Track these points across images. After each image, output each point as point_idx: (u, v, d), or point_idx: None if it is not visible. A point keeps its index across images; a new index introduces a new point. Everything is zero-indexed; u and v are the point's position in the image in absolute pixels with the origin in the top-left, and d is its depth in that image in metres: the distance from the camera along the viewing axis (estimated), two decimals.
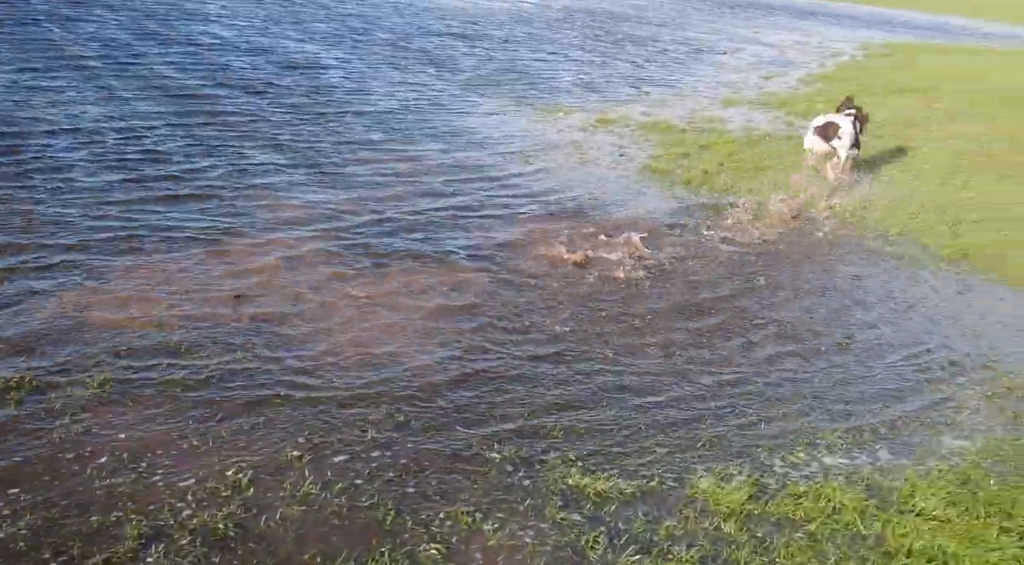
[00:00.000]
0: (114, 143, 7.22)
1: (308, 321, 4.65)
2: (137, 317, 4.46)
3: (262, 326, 4.53)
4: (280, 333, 4.48)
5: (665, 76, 14.16)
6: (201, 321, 4.49)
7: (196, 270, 5.08)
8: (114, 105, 8.37)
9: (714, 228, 6.91)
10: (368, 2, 19.87)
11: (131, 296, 4.67)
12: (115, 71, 9.73)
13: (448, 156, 8.13)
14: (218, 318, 4.55)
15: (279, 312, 4.70)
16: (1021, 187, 8.70)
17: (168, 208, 6.00)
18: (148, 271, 5.00)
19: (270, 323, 4.57)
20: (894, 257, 6.67)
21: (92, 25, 12.25)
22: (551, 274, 5.66)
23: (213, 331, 4.41)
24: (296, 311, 4.74)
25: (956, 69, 17.39)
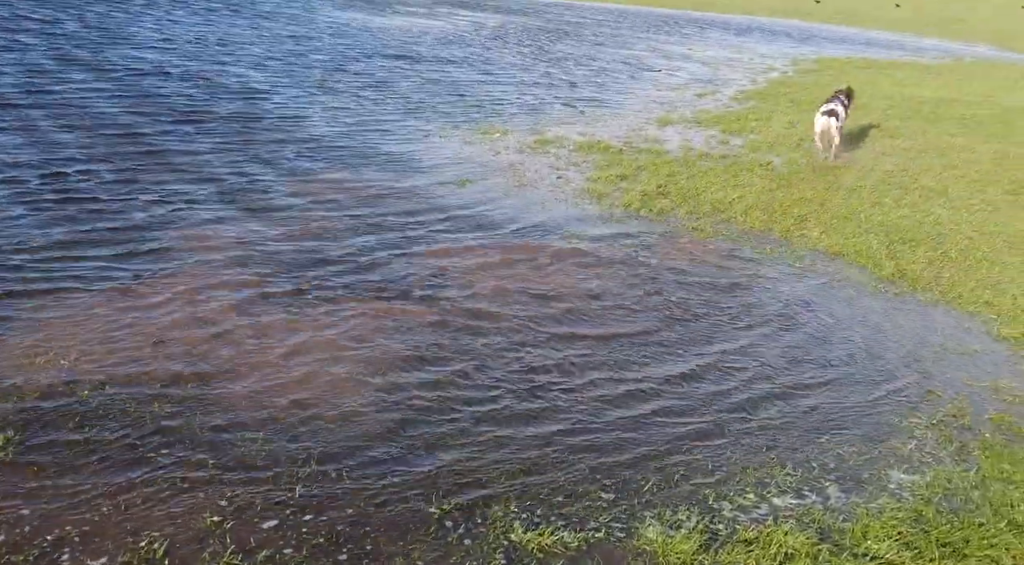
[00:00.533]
0: (31, 178, 6.87)
1: (233, 370, 4.38)
2: (45, 369, 4.15)
3: (182, 375, 4.26)
4: (202, 384, 4.21)
5: (601, 94, 14.15)
6: (115, 372, 4.20)
7: (113, 315, 4.78)
8: (34, 137, 7.99)
9: (653, 254, 6.81)
10: (302, 24, 19.56)
11: (39, 346, 4.35)
12: (36, 101, 9.33)
13: (385, 183, 7.91)
14: (134, 369, 4.26)
15: (201, 360, 4.43)
16: (953, 203, 8.82)
17: (86, 249, 5.67)
18: (61, 318, 4.68)
19: (191, 373, 4.30)
20: (831, 278, 6.65)
21: (13, 52, 11.77)
22: (493, 311, 5.47)
23: (128, 383, 4.13)
24: (221, 359, 4.47)
25: (884, 84, 17.76)
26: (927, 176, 9.85)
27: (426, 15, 24.35)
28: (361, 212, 7.02)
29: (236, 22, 18.22)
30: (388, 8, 25.15)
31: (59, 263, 5.39)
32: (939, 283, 6.68)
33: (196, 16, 18.57)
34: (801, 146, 11.00)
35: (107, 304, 4.91)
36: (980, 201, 8.98)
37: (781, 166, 9.90)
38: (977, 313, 6.22)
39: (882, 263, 6.96)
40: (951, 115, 14.34)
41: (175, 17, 17.95)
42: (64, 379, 4.08)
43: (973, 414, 4.75)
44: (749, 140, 11.34)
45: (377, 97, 11.85)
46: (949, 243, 7.55)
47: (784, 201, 8.46)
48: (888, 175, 9.80)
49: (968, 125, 13.52)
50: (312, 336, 4.81)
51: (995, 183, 9.76)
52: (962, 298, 6.43)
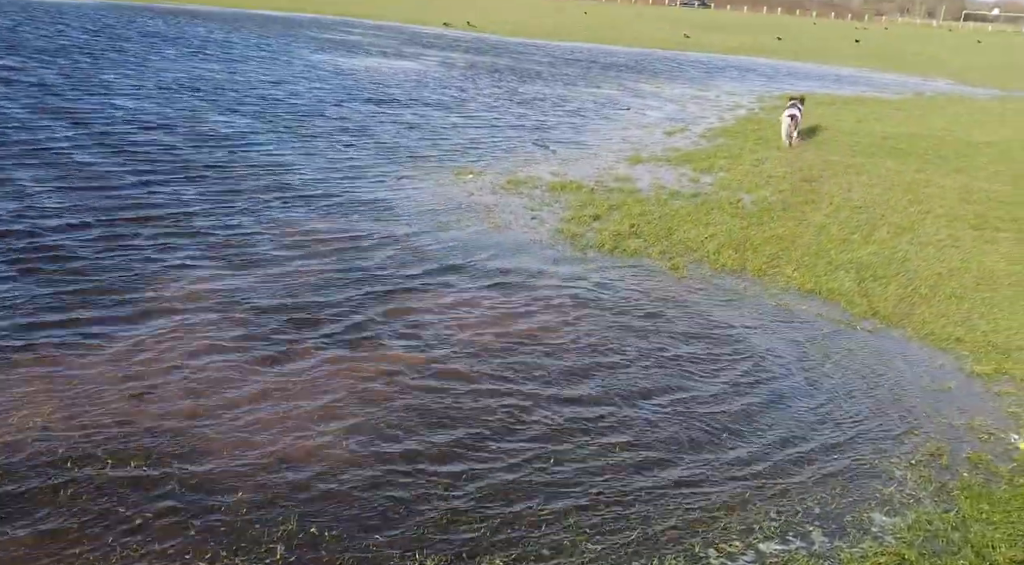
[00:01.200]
0: (6, 233, 6.80)
1: (213, 429, 4.33)
2: (21, 429, 4.07)
3: (160, 427, 4.20)
4: (180, 443, 4.16)
5: (572, 134, 14.29)
6: (93, 430, 4.14)
7: (90, 370, 4.71)
8: (8, 190, 7.93)
9: (628, 296, 6.85)
10: (277, 68, 19.62)
11: (13, 404, 4.27)
12: (9, 151, 9.26)
13: (362, 231, 7.92)
14: (111, 428, 4.20)
15: (179, 415, 4.37)
16: (920, 239, 8.97)
17: (63, 308, 5.61)
18: (38, 377, 4.61)
19: (169, 430, 4.24)
20: (805, 316, 6.73)
21: None
22: (471, 363, 5.47)
23: (105, 442, 4.06)
24: (200, 418, 4.42)
25: (848, 119, 18.11)
26: (894, 212, 10.03)
27: (395, 56, 24.53)
28: (339, 262, 7.00)
29: (211, 67, 18.25)
30: (359, 50, 25.31)
31: (35, 321, 5.32)
32: (911, 320, 6.78)
33: (170, 62, 18.58)
34: (770, 183, 11.17)
35: (86, 357, 4.84)
36: (947, 236, 9.15)
37: (751, 204, 10.03)
38: (949, 349, 6.31)
39: (855, 301, 7.05)
40: (914, 150, 14.64)
41: (149, 64, 17.95)
42: (39, 437, 4.01)
43: (951, 453, 4.80)
44: (719, 178, 11.48)
45: (352, 141, 11.89)
46: (919, 280, 7.67)
47: (755, 239, 8.56)
48: (856, 211, 9.96)
49: (931, 160, 13.80)
50: (292, 391, 4.77)
51: (960, 218, 9.96)
52: (934, 335, 6.52)
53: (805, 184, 11.27)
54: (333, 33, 30.50)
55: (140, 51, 19.49)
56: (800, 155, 13.39)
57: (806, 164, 12.64)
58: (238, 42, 23.50)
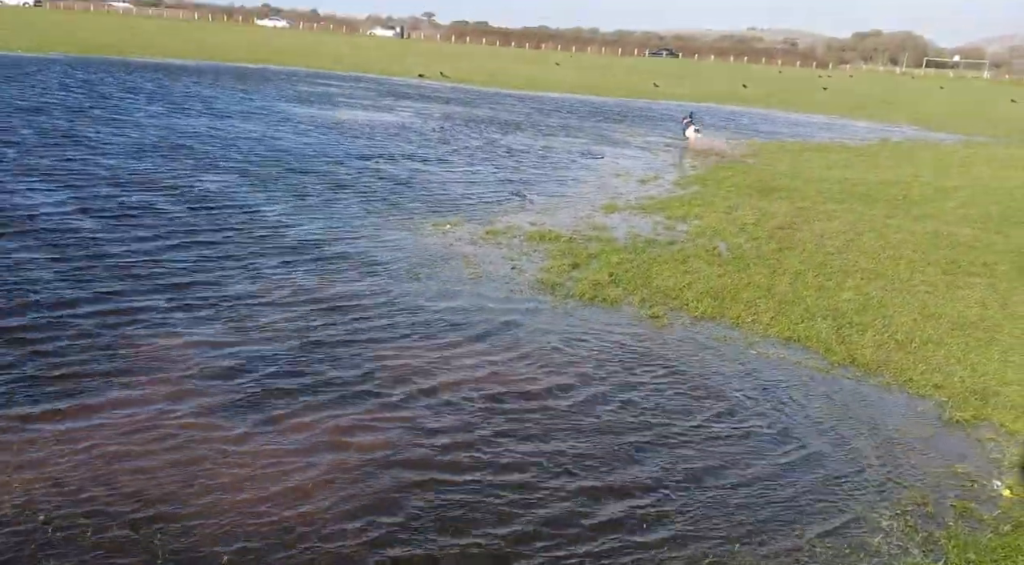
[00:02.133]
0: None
1: (196, 487, 4.26)
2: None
3: (144, 491, 4.13)
4: (162, 506, 4.08)
5: (548, 183, 14.42)
6: (69, 494, 4.05)
7: (63, 436, 4.63)
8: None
9: (610, 346, 6.87)
10: (258, 123, 19.70)
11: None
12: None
13: (341, 282, 7.92)
14: (88, 491, 4.12)
15: (163, 479, 4.30)
16: (894, 285, 9.10)
17: (36, 360, 5.53)
18: (16, 440, 4.52)
19: (152, 491, 4.17)
20: (785, 364, 6.78)
21: None
22: (452, 418, 5.44)
23: (81, 505, 3.98)
24: (182, 480, 4.35)
25: (817, 166, 18.45)
26: (867, 258, 10.18)
27: (373, 108, 24.72)
28: (321, 318, 6.98)
29: (194, 122, 18.30)
30: (337, 103, 25.49)
31: (15, 384, 5.23)
32: (889, 367, 6.84)
33: (154, 118, 18.61)
34: (744, 230, 11.31)
35: (58, 421, 4.76)
36: (919, 282, 9.29)
37: (727, 252, 10.14)
38: (928, 396, 6.37)
39: (833, 348, 7.12)
40: (883, 196, 14.91)
41: (132, 120, 17.97)
42: (18, 501, 3.92)
43: (936, 501, 4.83)
44: (693, 226, 11.62)
45: (330, 194, 11.92)
46: (895, 326, 7.77)
47: (733, 287, 8.64)
48: (829, 258, 10.10)
49: (900, 206, 14.06)
50: (276, 453, 4.72)
51: (932, 263, 10.12)
52: (912, 382, 6.59)
53: (779, 231, 11.42)
54: (310, 85, 30.73)
55: (123, 107, 19.51)
56: (773, 202, 13.58)
57: (779, 211, 12.82)
58: (219, 96, 23.59)
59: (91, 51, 36.15)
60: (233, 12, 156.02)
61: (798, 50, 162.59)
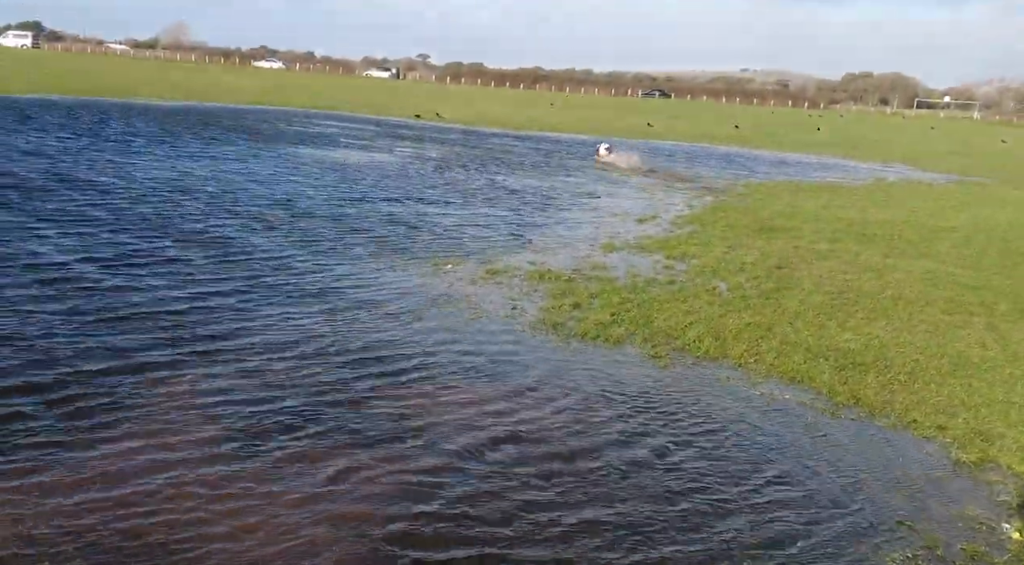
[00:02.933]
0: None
1: (195, 534, 4.22)
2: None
3: (144, 537, 4.08)
4: (163, 550, 4.04)
5: (547, 222, 14.49)
6: (69, 539, 4.01)
7: (63, 486, 4.59)
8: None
9: (616, 387, 6.86)
10: (262, 166, 19.83)
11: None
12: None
13: (343, 323, 7.91)
14: (86, 536, 4.07)
15: (161, 524, 4.26)
16: (894, 325, 9.12)
17: (44, 408, 5.50)
18: (15, 485, 4.48)
19: (152, 537, 4.12)
20: (789, 405, 6.76)
21: None
22: (462, 461, 5.41)
23: (82, 550, 3.93)
24: (183, 522, 4.31)
25: (811, 206, 18.57)
26: (866, 298, 10.22)
27: (369, 148, 24.89)
28: (322, 364, 6.96)
29: (193, 164, 18.39)
30: (335, 144, 25.67)
31: (17, 427, 5.20)
32: (893, 408, 6.84)
33: (158, 161, 18.70)
34: (743, 270, 11.35)
35: (61, 472, 4.72)
36: (919, 322, 9.32)
37: (727, 291, 10.17)
38: (933, 438, 6.36)
39: (836, 389, 7.12)
40: (880, 235, 15.01)
41: (135, 165, 18.06)
42: (20, 548, 3.88)
43: (946, 545, 4.80)
44: (692, 265, 11.66)
45: (333, 237, 11.95)
46: (897, 366, 7.77)
47: (734, 327, 8.65)
48: (829, 298, 10.13)
49: (897, 245, 14.14)
50: (279, 499, 4.68)
51: (931, 303, 10.16)
52: (917, 423, 6.58)
53: (777, 270, 11.47)
54: (308, 126, 30.95)
55: (125, 150, 19.62)
56: (770, 242, 13.65)
57: (777, 251, 12.89)
58: (219, 137, 23.75)
59: (89, 93, 36.43)
60: (230, 54, 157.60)
61: (789, 91, 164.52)
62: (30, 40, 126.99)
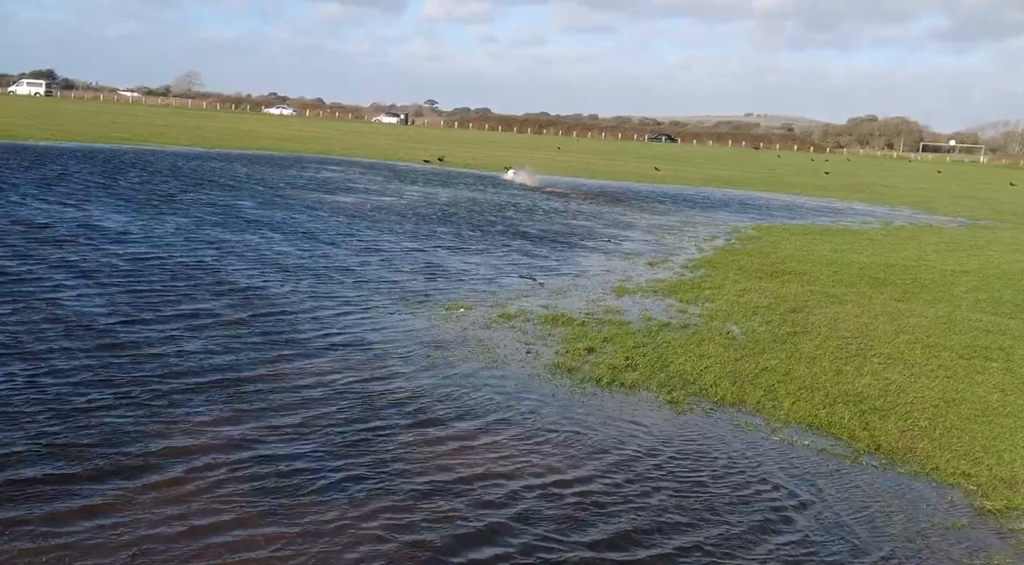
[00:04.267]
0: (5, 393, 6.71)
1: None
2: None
3: None
4: None
5: (557, 266, 14.49)
6: None
7: (90, 525, 4.55)
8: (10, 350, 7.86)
9: (632, 434, 6.79)
10: (275, 209, 19.97)
11: (10, 560, 4.09)
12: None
13: (356, 368, 7.89)
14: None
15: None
16: (912, 370, 9.04)
17: (71, 453, 5.47)
18: (36, 531, 4.43)
19: None
20: (810, 452, 6.67)
21: None
22: (474, 513, 5.35)
23: None
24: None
25: (823, 250, 18.56)
26: (882, 343, 10.14)
27: (379, 192, 25.05)
28: (343, 406, 6.93)
29: (208, 211, 18.53)
30: (345, 189, 25.86)
31: (41, 472, 5.16)
32: (915, 454, 6.74)
33: (172, 208, 18.85)
34: (757, 314, 11.30)
35: (85, 519, 4.68)
36: (937, 367, 9.23)
37: (741, 335, 10.11)
38: (957, 485, 6.26)
39: (857, 435, 7.03)
40: (892, 280, 14.96)
41: (149, 210, 18.21)
42: None
43: None
44: (705, 309, 11.61)
45: (344, 280, 11.98)
46: (917, 412, 7.68)
47: (750, 371, 8.58)
48: (845, 342, 10.06)
49: (910, 289, 14.08)
50: (302, 550, 4.62)
51: (948, 348, 10.08)
52: (940, 470, 6.47)
53: (791, 314, 11.41)
54: (322, 171, 31.21)
55: (143, 198, 19.79)
56: (783, 285, 13.61)
57: (790, 294, 12.84)
58: (235, 184, 23.96)
59: (102, 140, 36.87)
60: (241, 101, 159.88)
61: (795, 135, 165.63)
62: (43, 88, 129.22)
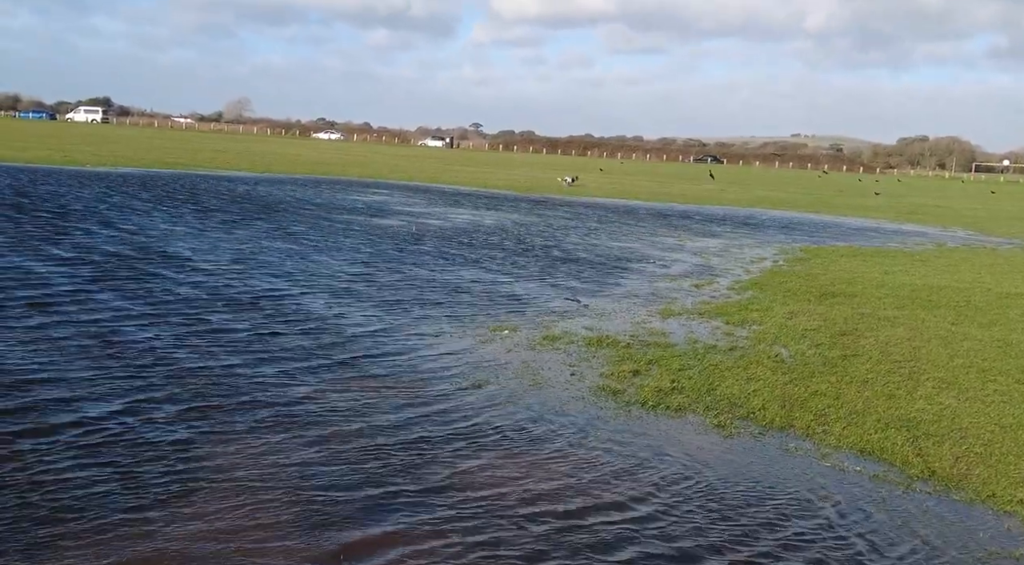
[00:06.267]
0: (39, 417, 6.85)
1: None
2: None
3: None
4: None
5: (601, 287, 14.44)
6: None
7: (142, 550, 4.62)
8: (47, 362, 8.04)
9: (681, 458, 6.72)
10: (333, 235, 20.23)
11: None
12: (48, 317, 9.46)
13: (404, 388, 7.93)
14: None
15: None
16: (966, 394, 8.82)
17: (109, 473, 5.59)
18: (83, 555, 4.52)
19: None
20: (863, 478, 6.54)
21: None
22: (522, 540, 5.33)
23: None
24: None
25: (873, 272, 18.24)
26: (935, 366, 9.92)
27: (424, 215, 25.27)
28: (386, 428, 6.97)
29: (255, 234, 18.82)
30: (391, 212, 26.14)
31: (79, 495, 5.27)
32: (970, 481, 6.56)
33: (219, 235, 19.19)
34: (806, 337, 11.13)
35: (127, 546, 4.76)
36: (993, 392, 8.99)
37: (790, 359, 9.97)
38: (1014, 513, 6.07)
39: (910, 461, 6.87)
40: (945, 302, 14.63)
41: (199, 236, 18.55)
42: None
43: None
44: (753, 331, 11.47)
45: (390, 299, 12.07)
46: (972, 437, 7.49)
47: (799, 395, 8.45)
48: (897, 365, 9.86)
49: (964, 312, 13.76)
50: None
51: (1004, 373, 9.81)
52: (996, 497, 6.29)
53: (842, 337, 11.22)
54: (365, 195, 31.60)
55: (196, 223, 20.21)
56: (832, 307, 13.40)
57: (840, 317, 12.63)
58: (286, 205, 24.35)
59: (158, 166, 37.77)
60: (290, 126, 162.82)
61: (844, 155, 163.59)
62: (100, 115, 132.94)
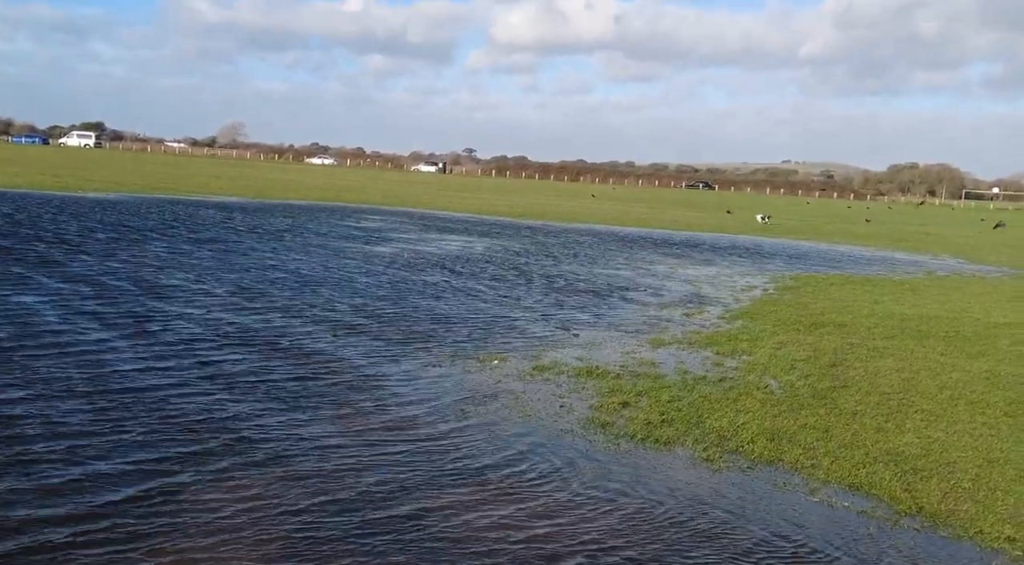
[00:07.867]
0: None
1: None
2: None
3: None
4: None
5: (592, 316, 14.45)
6: None
7: None
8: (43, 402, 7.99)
9: (667, 495, 6.70)
10: (330, 260, 20.22)
11: None
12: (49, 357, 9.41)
13: (388, 421, 7.90)
14: None
15: None
16: (955, 427, 8.83)
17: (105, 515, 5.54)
18: None
19: None
20: (850, 513, 6.52)
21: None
22: None
23: None
24: None
25: (863, 300, 18.29)
26: (924, 399, 9.93)
27: (417, 242, 25.30)
28: (367, 460, 6.93)
29: (253, 263, 18.79)
30: (384, 239, 26.16)
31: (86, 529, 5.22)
32: (958, 517, 6.55)
33: (212, 260, 19.16)
34: (795, 368, 11.14)
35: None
36: (981, 425, 9.00)
37: (779, 390, 9.97)
38: (1002, 550, 6.06)
39: (898, 496, 6.86)
40: (935, 332, 14.67)
41: (194, 263, 18.53)
42: None
43: None
44: (743, 361, 11.48)
45: (378, 330, 12.05)
46: (960, 472, 7.49)
47: (788, 428, 8.44)
48: (886, 398, 9.87)
49: (953, 342, 13.80)
50: None
51: (992, 405, 9.83)
52: (983, 533, 6.28)
53: (831, 368, 11.24)
54: (358, 221, 31.63)
55: (192, 251, 20.19)
56: (822, 337, 13.43)
57: (829, 347, 12.65)
58: (279, 233, 24.36)
59: (150, 191, 37.77)
60: (283, 151, 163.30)
61: (834, 182, 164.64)
62: (93, 140, 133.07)
